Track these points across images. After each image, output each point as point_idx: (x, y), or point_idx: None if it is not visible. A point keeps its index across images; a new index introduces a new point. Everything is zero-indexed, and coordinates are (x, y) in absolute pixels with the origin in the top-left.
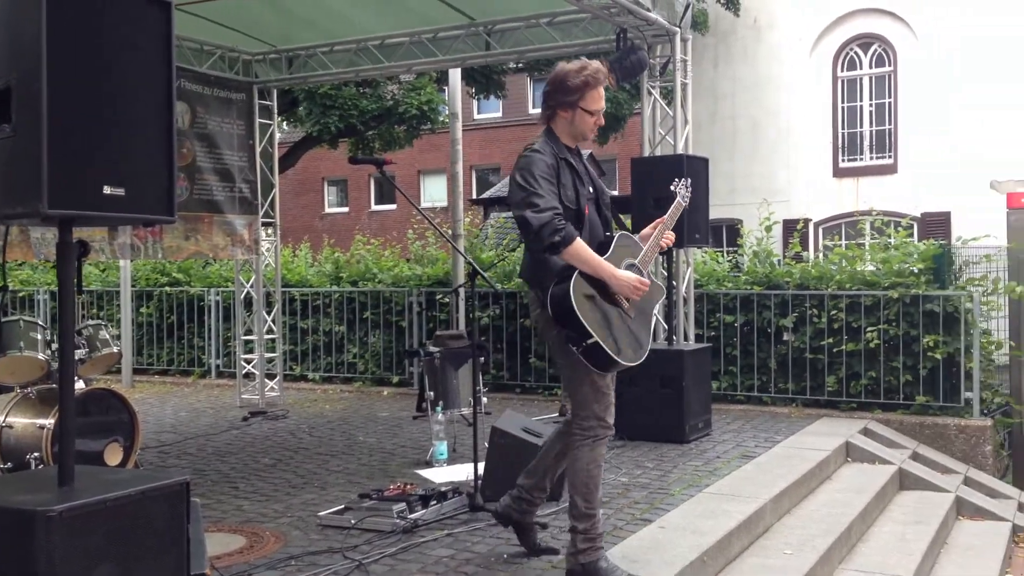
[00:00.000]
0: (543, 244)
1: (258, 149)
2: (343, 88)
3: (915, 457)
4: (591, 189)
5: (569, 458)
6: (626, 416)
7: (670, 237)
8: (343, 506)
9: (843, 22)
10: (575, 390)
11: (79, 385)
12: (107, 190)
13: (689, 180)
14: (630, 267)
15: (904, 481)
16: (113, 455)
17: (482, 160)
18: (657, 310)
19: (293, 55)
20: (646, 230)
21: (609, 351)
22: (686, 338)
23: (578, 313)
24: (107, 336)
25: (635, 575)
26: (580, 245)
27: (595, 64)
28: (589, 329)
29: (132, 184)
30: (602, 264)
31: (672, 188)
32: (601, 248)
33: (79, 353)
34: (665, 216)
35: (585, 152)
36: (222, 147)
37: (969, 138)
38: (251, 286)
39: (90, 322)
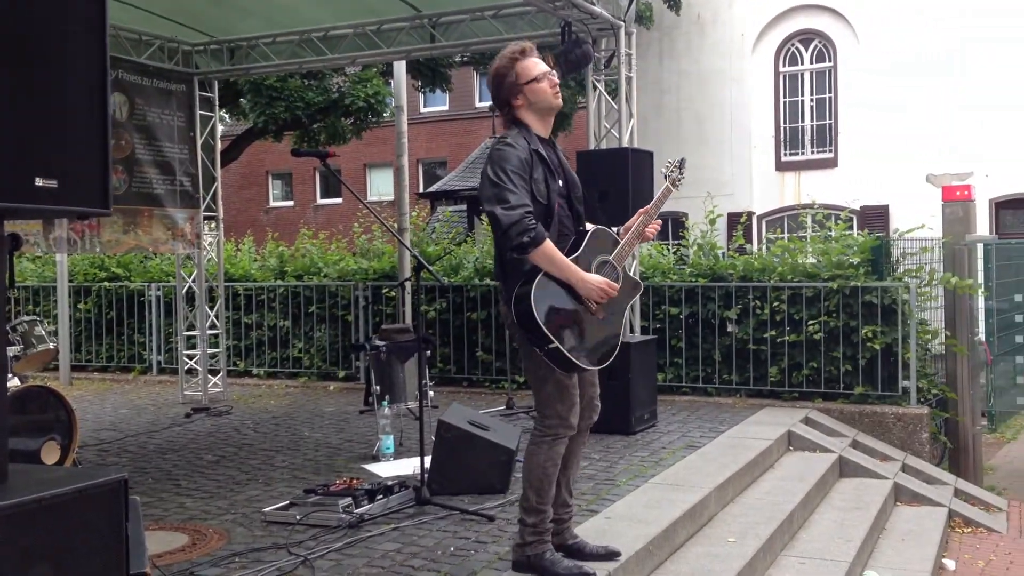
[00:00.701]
0: (511, 243)
1: (199, 141)
2: (288, 80)
3: (855, 445)
4: (561, 183)
5: (526, 452)
6: None
7: (655, 227)
8: (288, 502)
9: (784, 18)
10: (539, 389)
11: (15, 383)
12: (39, 182)
13: (684, 160)
14: (603, 264)
15: (844, 469)
16: (50, 454)
17: (429, 154)
18: (631, 305)
19: (235, 46)
20: (631, 220)
21: (570, 356)
22: (632, 330)
23: (538, 318)
24: (43, 332)
25: (579, 564)
26: (549, 247)
27: (518, 45)
28: (548, 335)
29: (65, 176)
30: (569, 267)
31: (663, 172)
32: (574, 244)
33: (14, 350)
34: (649, 205)
35: None
36: (162, 139)
37: (907, 132)
38: (193, 281)
39: (25, 318)
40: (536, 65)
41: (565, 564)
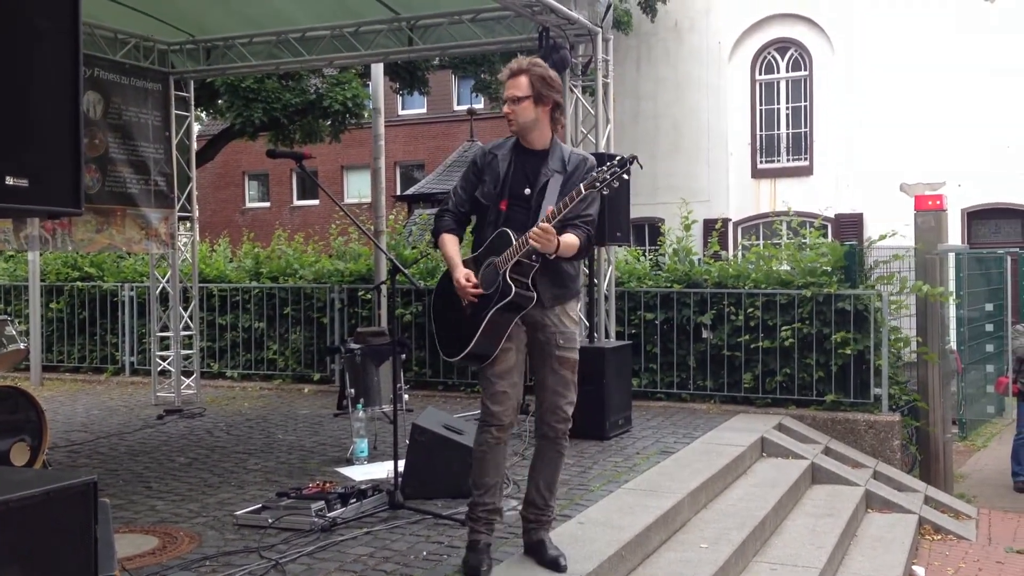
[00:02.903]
0: (432, 232)
1: (175, 141)
2: (266, 81)
3: (827, 452)
4: (528, 190)
5: None
6: None
7: (536, 232)
8: (260, 505)
9: (761, 27)
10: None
11: None
12: (9, 181)
13: (626, 159)
14: (488, 265)
15: (816, 475)
16: (20, 455)
17: (406, 156)
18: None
19: (211, 46)
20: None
21: (439, 347)
22: (607, 335)
23: (431, 305)
24: (13, 332)
25: (486, 562)
26: (442, 240)
27: (514, 63)
28: (433, 320)
29: (36, 175)
30: (451, 260)
31: (594, 172)
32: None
33: None
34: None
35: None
36: (137, 138)
37: (881, 141)
38: (167, 281)
39: None
40: (507, 88)
41: (474, 558)
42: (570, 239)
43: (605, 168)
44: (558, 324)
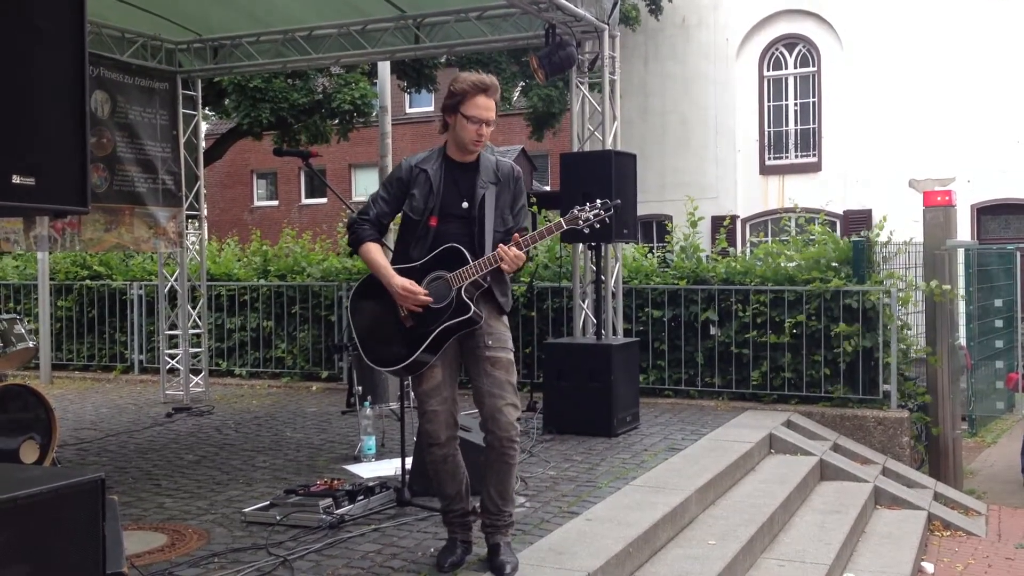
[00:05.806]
0: (349, 243)
1: (182, 140)
2: (273, 80)
3: (835, 448)
4: (466, 204)
5: None
6: (554, 410)
7: (510, 255)
8: (268, 502)
9: (769, 23)
10: None
11: None
12: (16, 179)
13: (606, 203)
14: (435, 279)
15: (825, 472)
16: (29, 453)
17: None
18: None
19: (218, 44)
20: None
21: (363, 353)
22: (614, 332)
23: (349, 315)
24: (23, 330)
25: (454, 561)
26: (367, 249)
27: (490, 78)
28: (353, 332)
29: (43, 173)
30: (383, 269)
31: (576, 210)
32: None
33: None
34: (529, 235)
35: (516, 147)
36: (144, 137)
37: (890, 137)
38: (175, 280)
39: (4, 316)
40: (482, 109)
41: (444, 552)
42: None
43: (588, 208)
44: (485, 326)
